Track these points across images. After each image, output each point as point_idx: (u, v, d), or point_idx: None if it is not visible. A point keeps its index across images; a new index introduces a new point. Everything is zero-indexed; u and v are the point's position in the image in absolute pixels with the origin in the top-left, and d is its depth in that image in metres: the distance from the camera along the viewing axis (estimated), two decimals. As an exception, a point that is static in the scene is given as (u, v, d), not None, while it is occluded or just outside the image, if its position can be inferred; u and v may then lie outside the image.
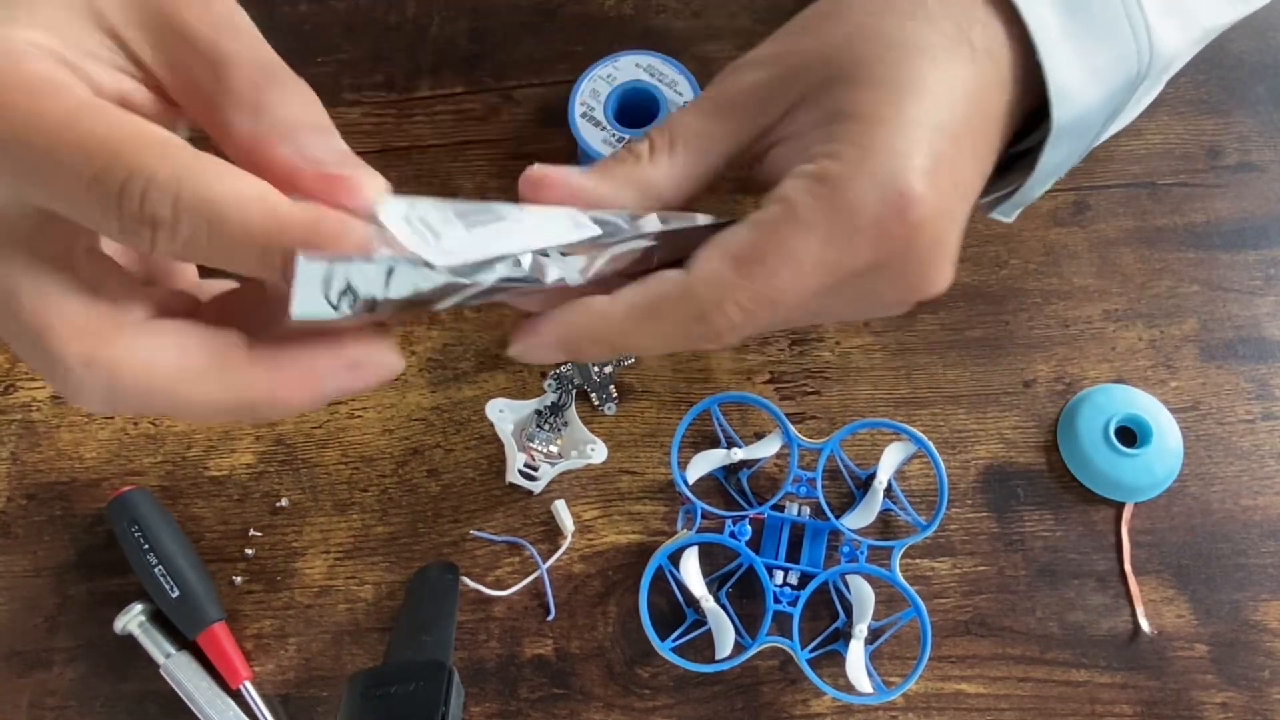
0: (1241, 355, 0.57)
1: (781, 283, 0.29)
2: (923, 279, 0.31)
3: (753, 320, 0.30)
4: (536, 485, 0.54)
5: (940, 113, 0.30)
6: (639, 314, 0.30)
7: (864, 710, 0.51)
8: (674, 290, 0.29)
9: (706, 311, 0.29)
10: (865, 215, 0.28)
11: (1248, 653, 0.51)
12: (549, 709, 0.52)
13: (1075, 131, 0.37)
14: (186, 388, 0.25)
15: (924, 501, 0.55)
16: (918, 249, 0.30)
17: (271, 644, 0.53)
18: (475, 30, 0.66)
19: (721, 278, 0.29)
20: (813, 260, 0.29)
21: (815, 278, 0.29)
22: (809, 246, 0.29)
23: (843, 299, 0.31)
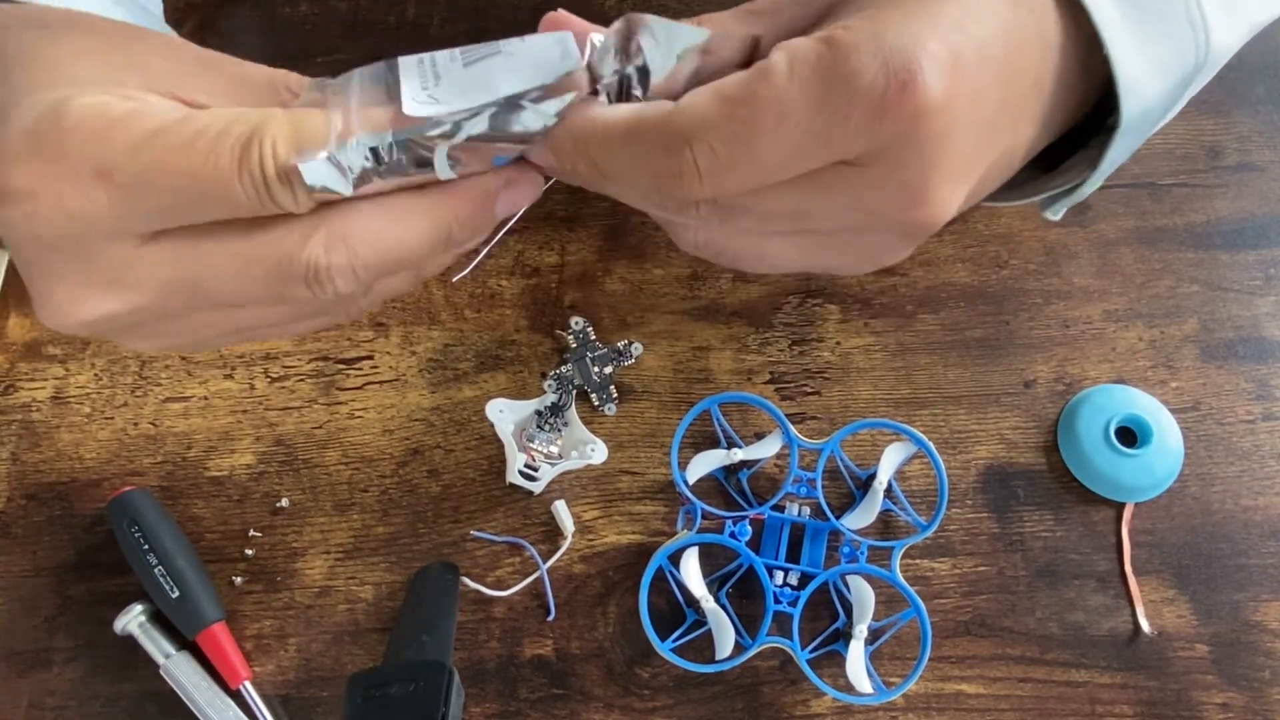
0: (1241, 355, 0.57)
1: (763, 132, 0.26)
2: (921, 183, 0.28)
3: (722, 170, 0.27)
4: (536, 485, 0.54)
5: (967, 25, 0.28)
6: (623, 129, 0.28)
7: (864, 710, 0.51)
8: (654, 114, 0.27)
9: (678, 142, 0.27)
10: (864, 82, 0.26)
11: (1248, 653, 0.51)
12: (549, 709, 0.52)
13: (1140, 125, 0.35)
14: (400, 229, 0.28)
15: (924, 502, 0.55)
16: (921, 140, 0.27)
17: (271, 644, 0.53)
18: (475, 30, 0.66)
19: (702, 110, 0.27)
20: (800, 118, 0.26)
21: (800, 141, 0.26)
22: (800, 103, 0.26)
23: (831, 201, 0.28)
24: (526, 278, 0.60)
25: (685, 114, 0.27)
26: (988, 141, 0.29)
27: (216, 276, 0.28)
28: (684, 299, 0.59)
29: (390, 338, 0.59)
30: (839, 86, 0.26)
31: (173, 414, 0.58)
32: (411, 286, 0.34)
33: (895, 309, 0.59)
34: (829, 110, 0.26)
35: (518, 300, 0.60)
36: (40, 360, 0.59)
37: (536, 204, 0.63)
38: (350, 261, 0.28)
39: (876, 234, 0.30)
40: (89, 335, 0.32)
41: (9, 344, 0.60)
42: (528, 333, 0.59)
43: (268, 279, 0.28)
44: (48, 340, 0.60)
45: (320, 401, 0.58)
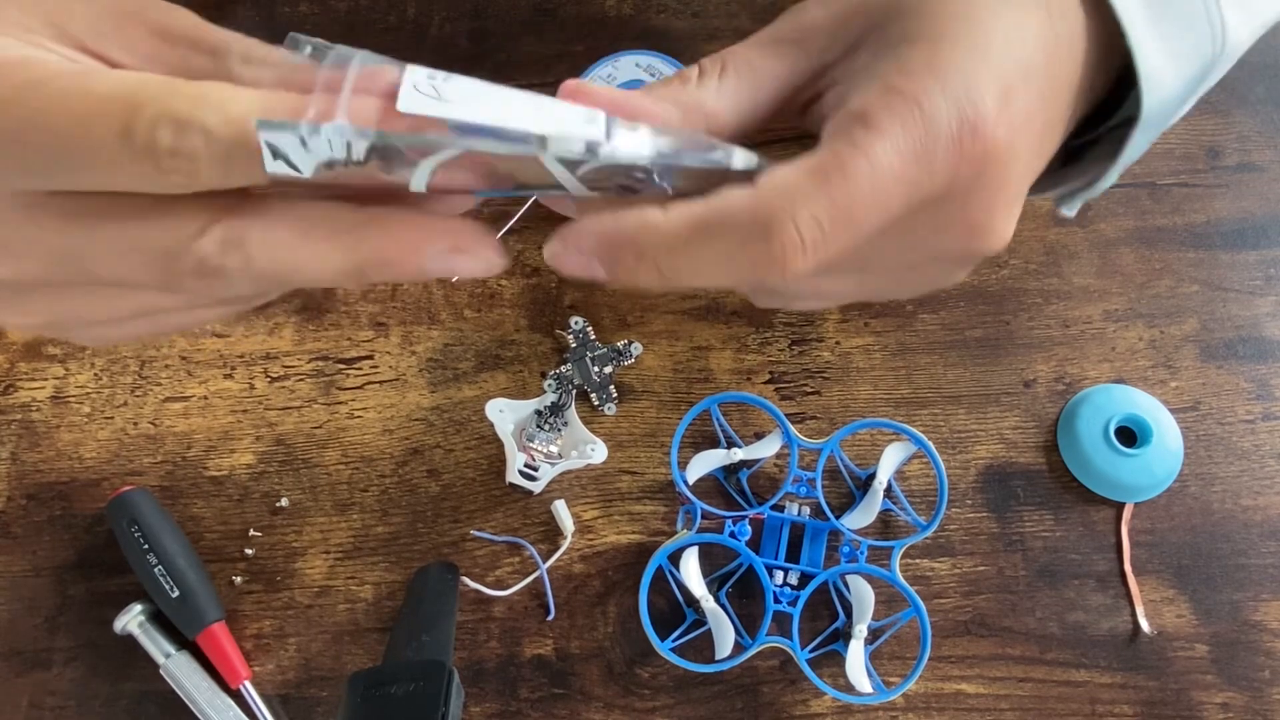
0: (1241, 355, 0.57)
1: (862, 194, 0.26)
2: (988, 220, 0.29)
3: (827, 242, 0.26)
4: (536, 485, 0.54)
5: (1013, 49, 0.28)
6: (695, 227, 0.26)
7: (864, 710, 0.51)
8: (739, 203, 0.26)
9: (775, 226, 0.25)
10: (941, 128, 0.26)
11: (1248, 653, 0.51)
12: (549, 709, 0.52)
13: (1159, 118, 0.35)
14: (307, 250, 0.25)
15: (924, 501, 0.55)
16: (988, 178, 0.27)
17: (271, 644, 0.53)
18: (475, 30, 0.66)
19: (795, 186, 0.26)
20: (893, 172, 0.26)
21: (896, 194, 0.26)
22: (890, 158, 0.26)
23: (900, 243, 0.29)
24: (526, 278, 0.60)
25: (776, 191, 0.26)
26: (1037, 163, 0.30)
27: (102, 254, 0.26)
28: (684, 299, 0.59)
29: (390, 337, 0.59)
30: (919, 135, 0.26)
31: (173, 414, 0.58)
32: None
33: (895, 309, 0.59)
34: (915, 159, 0.26)
35: (518, 300, 0.60)
36: (40, 360, 0.59)
37: (536, 204, 0.63)
38: (245, 268, 0.25)
39: (938, 266, 0.31)
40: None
41: (9, 344, 0.60)
42: (528, 333, 0.59)
43: (156, 266, 0.25)
44: (48, 340, 0.60)
45: (320, 401, 0.58)
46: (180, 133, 0.23)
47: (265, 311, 0.60)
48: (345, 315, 0.60)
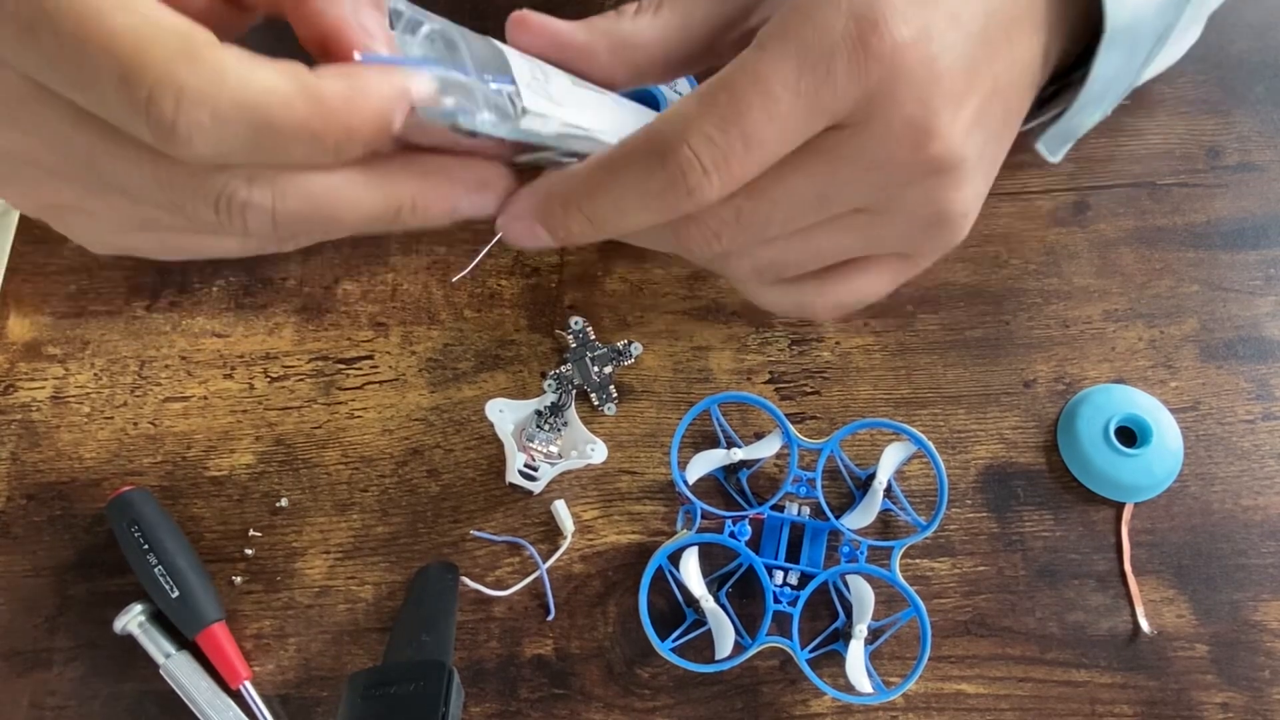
0: (1241, 355, 0.57)
1: (752, 109, 0.25)
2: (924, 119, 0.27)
3: (728, 159, 0.26)
4: (536, 485, 0.54)
5: None
6: (604, 167, 0.27)
7: (864, 710, 0.51)
8: (637, 136, 0.27)
9: (669, 150, 0.26)
10: (836, 32, 0.25)
11: (1248, 653, 0.51)
12: (549, 709, 0.52)
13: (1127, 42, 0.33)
14: (344, 191, 0.25)
15: (924, 501, 0.55)
16: (903, 76, 0.26)
17: (271, 644, 0.53)
18: (475, 30, 0.65)
19: (685, 110, 0.26)
20: (784, 86, 0.25)
21: (791, 109, 0.26)
22: (776, 69, 0.25)
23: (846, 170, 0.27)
24: (526, 278, 0.60)
25: (668, 118, 0.26)
26: (981, 56, 0.28)
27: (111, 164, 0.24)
28: (684, 299, 0.59)
29: (390, 337, 0.59)
30: (812, 46, 0.25)
31: (173, 414, 0.58)
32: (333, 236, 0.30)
33: (895, 309, 0.59)
34: (810, 72, 0.25)
35: (518, 300, 0.60)
36: (40, 360, 0.59)
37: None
38: (273, 206, 0.24)
39: (908, 190, 0.28)
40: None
41: (9, 344, 0.60)
42: (528, 333, 0.59)
43: (172, 192, 0.24)
44: (48, 340, 0.60)
45: (320, 401, 0.58)
46: (185, 107, 0.22)
47: (265, 311, 0.60)
48: (345, 315, 0.60)
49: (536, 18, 0.30)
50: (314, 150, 0.24)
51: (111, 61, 0.21)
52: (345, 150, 0.24)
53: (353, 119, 0.23)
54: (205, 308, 0.60)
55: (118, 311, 0.60)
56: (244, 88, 0.22)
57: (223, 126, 0.22)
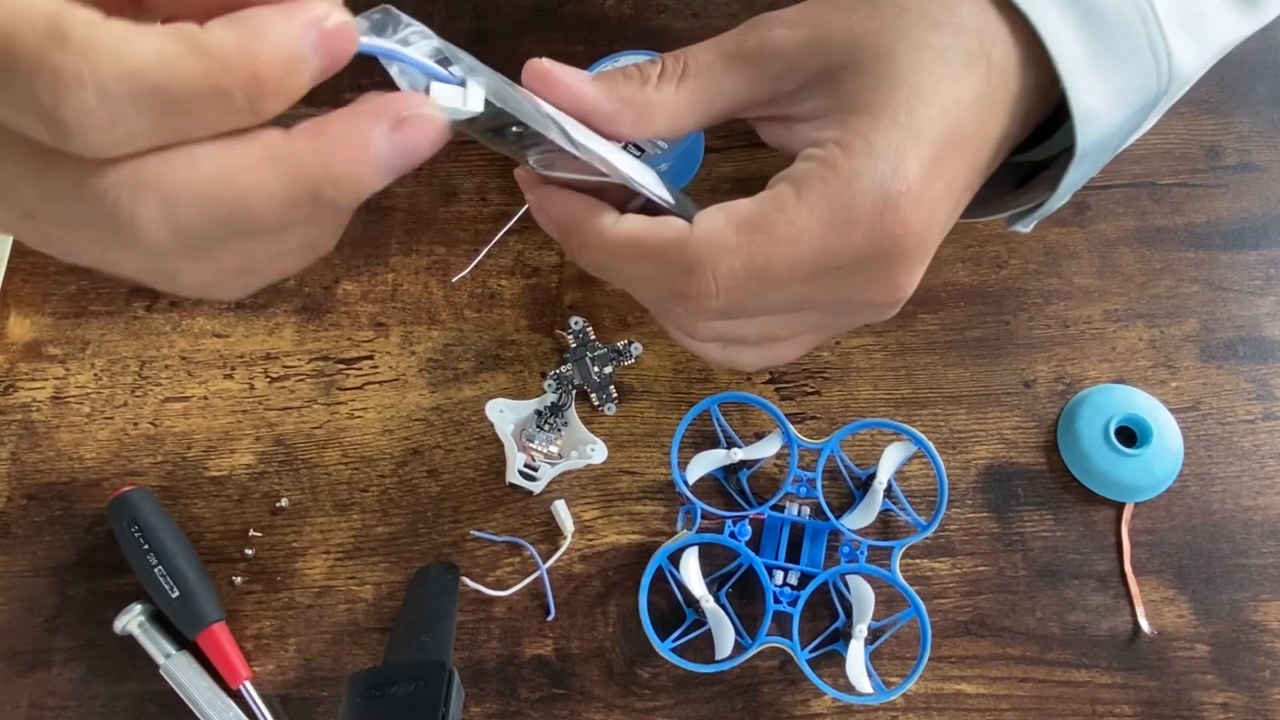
0: (1241, 355, 0.57)
1: (777, 254, 0.29)
2: (901, 280, 0.32)
3: (738, 291, 0.30)
4: (536, 485, 0.54)
5: (948, 123, 0.31)
6: (632, 245, 0.30)
7: (864, 710, 0.51)
8: (673, 236, 0.30)
9: (698, 270, 0.29)
10: (864, 207, 0.30)
11: (1248, 653, 0.51)
12: (549, 709, 0.52)
13: (1097, 151, 0.37)
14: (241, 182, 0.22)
15: (924, 501, 0.55)
16: (904, 249, 0.31)
17: (271, 644, 0.53)
18: (475, 30, 0.66)
19: (721, 237, 0.29)
20: (810, 240, 0.30)
21: (808, 258, 0.30)
22: (810, 226, 0.29)
23: (825, 290, 0.32)
24: (526, 278, 0.60)
25: (705, 239, 0.29)
26: (952, 221, 0.34)
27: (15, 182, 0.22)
28: (684, 299, 0.59)
29: (390, 338, 0.59)
30: (843, 211, 0.29)
31: (173, 414, 0.58)
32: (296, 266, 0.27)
33: (895, 309, 0.59)
34: (834, 231, 0.30)
35: (518, 300, 0.60)
36: (40, 360, 0.59)
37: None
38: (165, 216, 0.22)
39: (868, 310, 0.34)
40: None
41: (9, 344, 0.60)
42: (528, 333, 0.59)
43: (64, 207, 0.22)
44: (48, 340, 0.60)
45: (320, 401, 0.58)
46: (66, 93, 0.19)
47: (265, 310, 0.60)
48: (345, 315, 0.60)
49: (559, 72, 0.31)
50: (225, 110, 0.21)
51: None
52: (262, 103, 0.22)
53: (257, 64, 0.21)
54: (205, 308, 0.60)
55: (118, 311, 0.60)
56: (125, 58, 0.20)
57: (112, 106, 0.20)
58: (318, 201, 0.23)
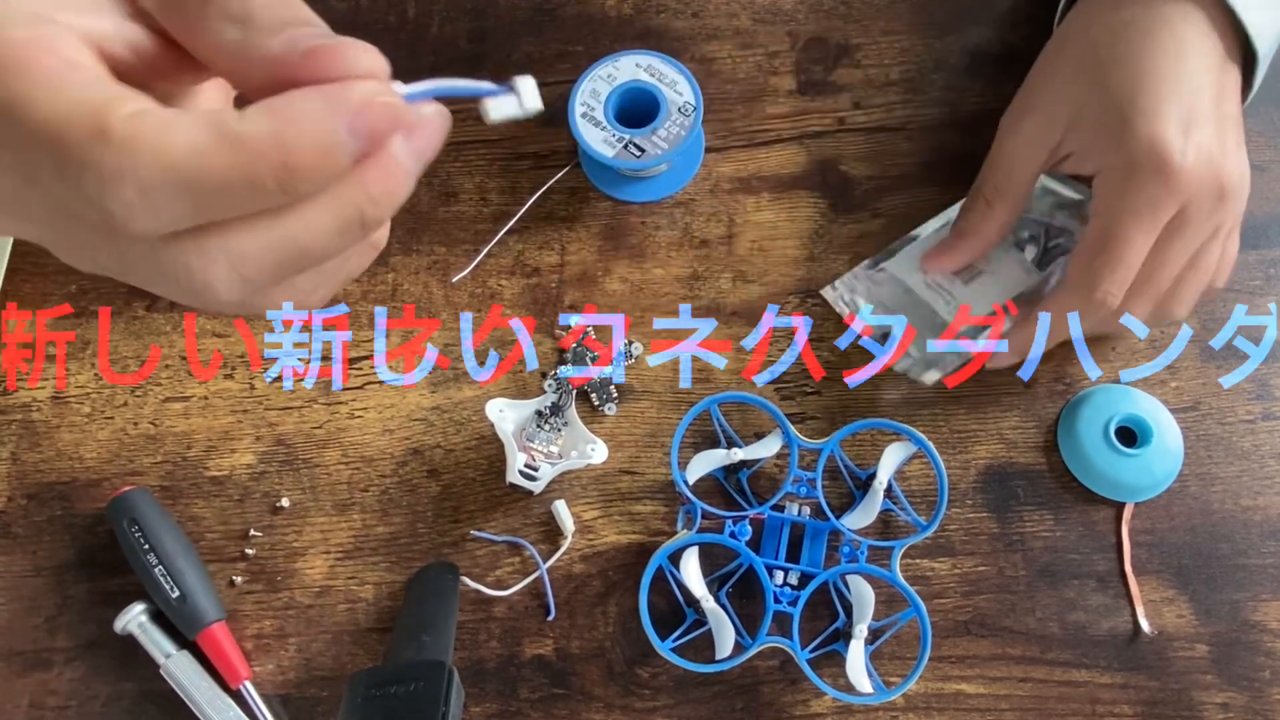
0: (1242, 355, 0.57)
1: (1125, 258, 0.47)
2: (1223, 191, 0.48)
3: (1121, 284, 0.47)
4: (536, 485, 0.54)
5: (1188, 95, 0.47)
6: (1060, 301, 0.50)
7: (864, 710, 0.51)
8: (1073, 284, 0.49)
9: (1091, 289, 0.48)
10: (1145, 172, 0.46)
11: (1248, 653, 0.51)
12: (549, 709, 0.52)
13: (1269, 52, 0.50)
14: (296, 231, 0.24)
15: (924, 501, 0.55)
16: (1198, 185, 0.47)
17: (271, 644, 0.53)
18: (475, 30, 0.66)
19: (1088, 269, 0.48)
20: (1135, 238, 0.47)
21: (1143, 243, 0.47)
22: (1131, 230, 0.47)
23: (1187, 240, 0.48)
24: (526, 277, 0.60)
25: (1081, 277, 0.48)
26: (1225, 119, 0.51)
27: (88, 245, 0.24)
28: (684, 299, 0.59)
29: (390, 337, 0.59)
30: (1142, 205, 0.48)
31: (173, 414, 0.58)
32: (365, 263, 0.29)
33: (895, 309, 0.59)
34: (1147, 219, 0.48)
35: (518, 300, 0.60)
36: (40, 360, 0.59)
37: (536, 204, 0.63)
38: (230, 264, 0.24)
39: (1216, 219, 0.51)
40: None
41: (9, 344, 0.60)
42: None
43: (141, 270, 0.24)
44: (48, 340, 0.60)
45: (320, 401, 0.58)
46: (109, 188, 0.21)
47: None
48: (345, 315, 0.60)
49: None
50: (259, 196, 0.23)
51: (42, 153, 0.22)
52: (295, 187, 0.23)
53: (289, 155, 0.22)
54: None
55: (118, 312, 0.60)
56: (162, 154, 0.22)
57: (152, 197, 0.22)
58: (365, 223, 0.25)
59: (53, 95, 0.22)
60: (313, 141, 0.23)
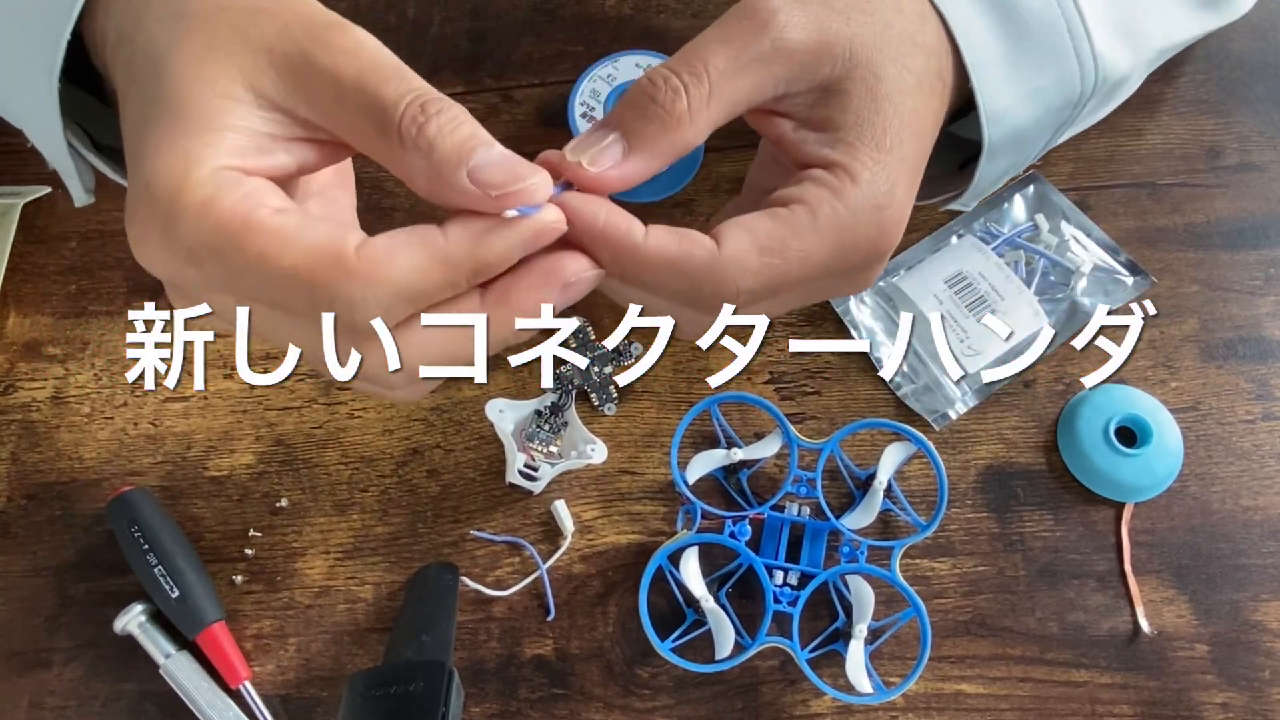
0: (1241, 355, 0.57)
1: (790, 276, 0.34)
2: (876, 274, 0.38)
3: (751, 305, 0.35)
4: (536, 485, 0.54)
5: (922, 146, 0.37)
6: (664, 261, 0.33)
7: (864, 710, 0.51)
8: (704, 256, 0.33)
9: (723, 284, 0.33)
10: (864, 234, 0.35)
11: (1248, 653, 0.51)
12: (549, 709, 0.52)
13: (1011, 145, 0.42)
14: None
15: (924, 501, 0.55)
16: (883, 255, 0.36)
17: (271, 644, 0.53)
18: (475, 30, 0.66)
19: (747, 261, 0.33)
20: (817, 262, 0.34)
21: (811, 275, 0.34)
22: (819, 252, 0.34)
23: (814, 292, 0.38)
24: (526, 278, 0.60)
25: (733, 260, 0.33)
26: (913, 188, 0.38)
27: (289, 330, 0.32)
28: (684, 299, 0.59)
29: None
30: (847, 237, 0.34)
31: (173, 414, 0.58)
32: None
33: (895, 309, 0.59)
34: (838, 254, 0.34)
35: (518, 300, 0.60)
36: (40, 360, 0.59)
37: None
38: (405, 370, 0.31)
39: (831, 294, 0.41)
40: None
41: (9, 344, 0.60)
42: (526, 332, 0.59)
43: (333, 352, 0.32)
44: (48, 340, 0.60)
45: (320, 401, 0.58)
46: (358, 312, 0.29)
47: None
48: (345, 315, 0.60)
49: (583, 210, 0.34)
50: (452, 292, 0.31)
51: (294, 292, 0.29)
52: (477, 282, 0.31)
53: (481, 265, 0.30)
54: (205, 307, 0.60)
55: (118, 311, 0.60)
56: (395, 279, 0.29)
57: (385, 310, 0.29)
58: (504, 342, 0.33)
59: (286, 246, 0.29)
60: (500, 255, 0.31)
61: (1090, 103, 0.43)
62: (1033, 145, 0.44)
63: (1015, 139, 0.41)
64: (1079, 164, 0.61)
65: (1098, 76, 0.41)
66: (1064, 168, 0.61)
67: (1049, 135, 0.44)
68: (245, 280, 0.30)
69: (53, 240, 0.62)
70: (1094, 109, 0.45)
